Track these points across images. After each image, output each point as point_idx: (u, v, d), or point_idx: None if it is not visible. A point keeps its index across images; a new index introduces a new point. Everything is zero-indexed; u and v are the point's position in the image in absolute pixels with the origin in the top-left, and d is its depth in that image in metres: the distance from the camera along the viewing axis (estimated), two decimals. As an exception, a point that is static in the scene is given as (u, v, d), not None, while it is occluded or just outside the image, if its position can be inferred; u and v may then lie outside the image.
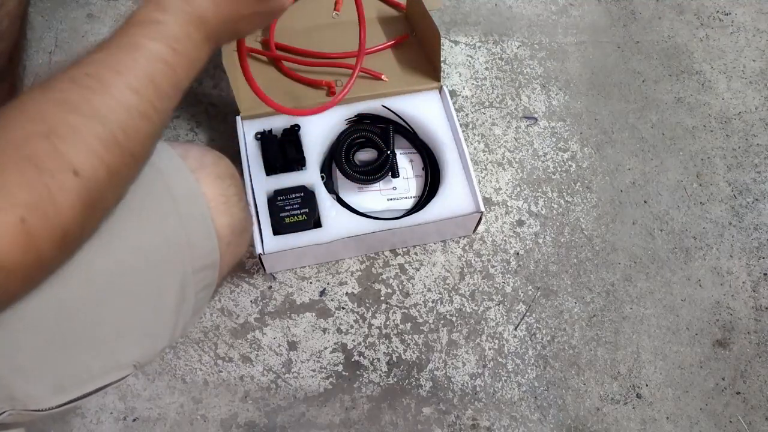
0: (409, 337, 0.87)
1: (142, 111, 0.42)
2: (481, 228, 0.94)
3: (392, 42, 1.00)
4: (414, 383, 0.84)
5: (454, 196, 0.87)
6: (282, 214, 0.83)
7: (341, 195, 0.89)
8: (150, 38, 0.43)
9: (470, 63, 1.09)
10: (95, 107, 0.39)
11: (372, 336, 0.86)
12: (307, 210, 0.84)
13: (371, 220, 0.85)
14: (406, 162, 0.93)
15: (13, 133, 0.36)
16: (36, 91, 0.40)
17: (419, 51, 0.98)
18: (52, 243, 0.36)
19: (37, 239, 0.35)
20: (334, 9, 0.75)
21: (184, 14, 0.46)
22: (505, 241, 0.94)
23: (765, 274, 0.94)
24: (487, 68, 1.09)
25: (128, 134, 0.41)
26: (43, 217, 0.35)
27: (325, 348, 0.85)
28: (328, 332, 0.86)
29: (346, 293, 0.89)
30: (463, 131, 0.97)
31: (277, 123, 0.90)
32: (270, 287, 0.89)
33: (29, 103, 0.39)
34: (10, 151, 0.35)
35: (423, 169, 0.92)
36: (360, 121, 0.93)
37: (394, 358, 0.85)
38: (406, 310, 0.88)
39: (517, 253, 0.93)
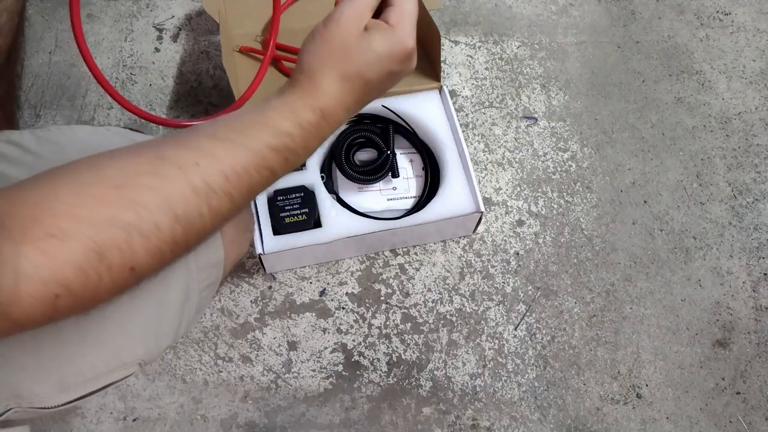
0: (409, 337, 0.87)
1: (226, 216, 0.42)
2: (481, 228, 0.94)
3: (392, 42, 0.99)
4: (414, 383, 0.84)
5: (454, 196, 0.87)
6: (282, 214, 0.83)
7: (341, 195, 0.89)
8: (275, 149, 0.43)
9: (470, 63, 1.09)
10: (189, 209, 0.38)
11: (372, 336, 0.86)
12: (307, 210, 0.83)
13: (371, 220, 0.85)
14: (406, 162, 0.93)
15: (101, 209, 0.35)
16: (145, 159, 0.38)
17: (419, 51, 0.98)
18: (74, 315, 0.36)
19: (61, 313, 0.35)
20: (334, 9, 0.75)
21: (309, 107, 0.45)
22: (505, 241, 0.94)
23: (765, 274, 0.94)
24: (487, 68, 1.09)
25: (200, 236, 0.40)
26: (78, 301, 0.35)
27: (325, 348, 0.85)
28: (328, 332, 0.86)
29: (346, 293, 0.89)
30: (463, 131, 0.97)
31: (277, 123, 0.90)
32: (270, 287, 0.89)
33: (134, 178, 0.37)
34: (86, 229, 0.34)
35: (423, 169, 0.92)
36: (360, 121, 0.93)
37: (394, 358, 0.85)
38: (406, 310, 0.88)
39: (517, 253, 0.93)
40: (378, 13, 0.49)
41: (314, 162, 0.88)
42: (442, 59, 0.96)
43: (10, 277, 0.32)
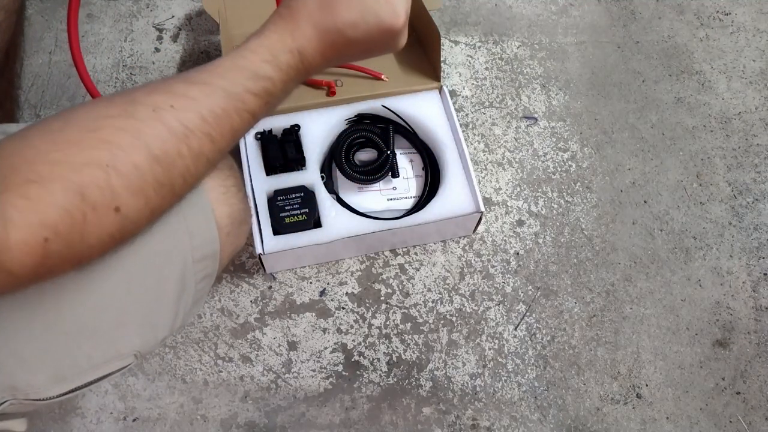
0: (409, 337, 0.87)
1: (210, 158, 0.41)
2: (481, 228, 0.94)
3: (392, 42, 1.00)
4: (414, 383, 0.84)
5: (454, 196, 0.87)
6: (282, 214, 0.83)
7: (341, 195, 0.89)
8: (253, 93, 0.42)
9: (470, 63, 1.09)
10: (166, 149, 0.38)
11: (372, 336, 0.86)
12: (307, 210, 0.83)
13: (371, 220, 0.85)
14: (406, 162, 0.93)
15: (76, 151, 0.35)
16: (117, 104, 0.38)
17: (419, 51, 0.98)
18: (68, 265, 0.36)
19: (53, 259, 0.35)
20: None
21: (288, 52, 0.44)
22: (505, 241, 0.94)
23: (765, 274, 0.94)
24: (487, 68, 1.09)
25: (186, 179, 0.40)
26: (67, 245, 0.35)
27: (325, 348, 0.85)
28: (328, 332, 0.86)
29: (346, 293, 0.89)
30: (463, 131, 0.97)
31: (277, 123, 0.90)
32: (270, 287, 0.89)
33: (105, 120, 0.37)
34: (63, 171, 0.34)
35: (423, 169, 0.92)
36: (360, 121, 0.93)
37: (394, 358, 0.85)
38: (406, 310, 0.88)
39: (517, 253, 0.93)
40: None
41: (314, 162, 0.88)
42: (442, 59, 0.96)
43: None
